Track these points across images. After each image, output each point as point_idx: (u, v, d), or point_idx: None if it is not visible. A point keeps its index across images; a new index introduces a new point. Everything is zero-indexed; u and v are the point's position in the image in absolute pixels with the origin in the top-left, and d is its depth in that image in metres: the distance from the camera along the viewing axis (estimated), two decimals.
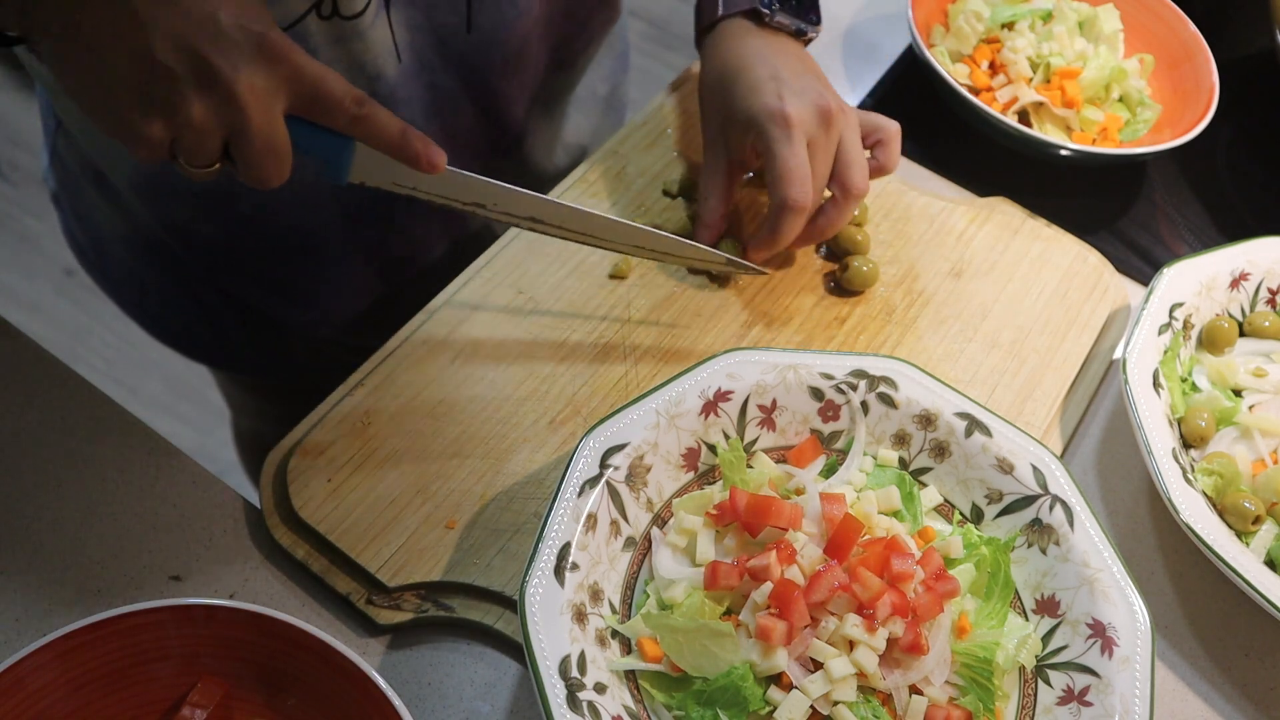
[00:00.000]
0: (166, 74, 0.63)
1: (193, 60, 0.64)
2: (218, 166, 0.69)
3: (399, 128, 0.71)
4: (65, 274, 2.28)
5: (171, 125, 0.65)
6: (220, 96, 0.65)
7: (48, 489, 0.78)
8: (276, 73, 0.66)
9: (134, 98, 0.64)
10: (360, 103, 0.70)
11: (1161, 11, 1.16)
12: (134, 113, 0.64)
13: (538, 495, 0.80)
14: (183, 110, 0.65)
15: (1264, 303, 0.96)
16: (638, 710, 0.67)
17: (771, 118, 0.87)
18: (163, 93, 0.64)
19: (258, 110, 0.66)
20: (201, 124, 0.65)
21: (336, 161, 0.73)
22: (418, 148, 0.72)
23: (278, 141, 0.68)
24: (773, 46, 0.93)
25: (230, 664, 0.68)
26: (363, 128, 0.71)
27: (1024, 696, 0.72)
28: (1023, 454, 0.78)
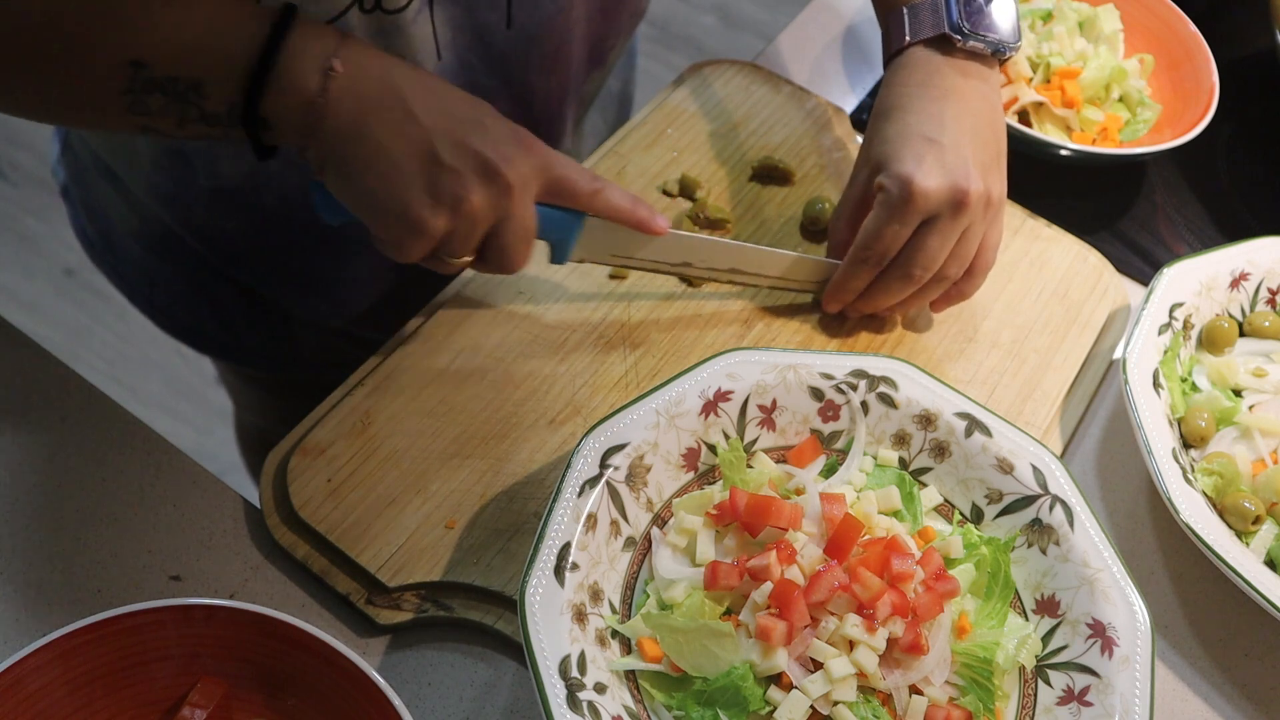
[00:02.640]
0: (452, 171, 0.72)
1: (474, 157, 0.72)
2: (471, 259, 0.77)
3: (630, 198, 0.80)
4: (65, 274, 2.28)
5: (455, 218, 0.73)
6: (498, 187, 0.73)
7: (47, 489, 0.78)
8: (533, 162, 0.75)
9: (424, 194, 0.72)
10: (595, 180, 0.78)
11: (1161, 11, 1.16)
12: (423, 209, 0.72)
13: (538, 495, 0.80)
14: (468, 202, 0.72)
15: (1264, 303, 0.96)
16: (638, 710, 0.67)
17: (898, 180, 0.82)
18: (450, 187, 0.72)
19: (522, 197, 0.74)
20: (480, 213, 0.73)
21: (565, 240, 0.82)
22: (645, 214, 0.81)
23: (532, 226, 0.77)
24: (957, 92, 0.86)
25: (230, 664, 0.68)
26: (599, 201, 0.79)
27: (1024, 696, 0.72)
28: (1023, 454, 0.78)
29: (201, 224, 1.01)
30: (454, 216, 0.73)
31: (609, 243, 0.83)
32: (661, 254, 0.86)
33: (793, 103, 1.06)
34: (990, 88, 0.88)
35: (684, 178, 0.98)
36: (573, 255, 0.83)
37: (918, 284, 0.86)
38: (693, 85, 1.06)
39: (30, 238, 2.33)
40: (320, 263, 1.03)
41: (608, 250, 0.84)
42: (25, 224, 2.35)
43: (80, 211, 1.11)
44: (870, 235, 0.85)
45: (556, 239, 0.81)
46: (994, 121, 0.87)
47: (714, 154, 1.01)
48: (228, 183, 0.95)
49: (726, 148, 1.02)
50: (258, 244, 1.01)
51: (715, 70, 1.08)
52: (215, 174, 0.94)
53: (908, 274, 0.86)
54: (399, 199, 0.72)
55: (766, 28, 2.77)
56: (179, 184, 0.97)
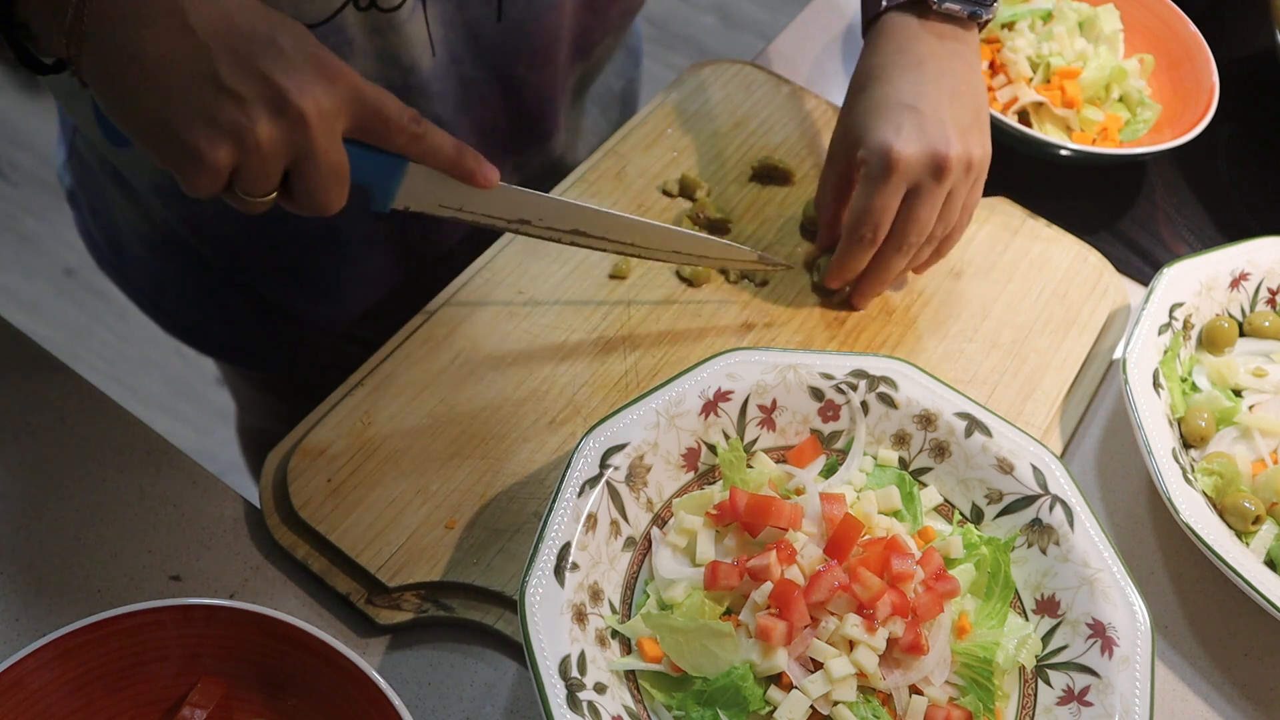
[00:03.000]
0: (235, 96, 0.62)
1: (262, 82, 0.63)
2: (274, 196, 0.68)
3: (454, 144, 0.72)
4: (65, 274, 2.28)
5: (239, 150, 0.64)
6: (290, 118, 0.64)
7: (48, 489, 0.78)
8: (338, 93, 0.66)
9: (200, 123, 0.63)
10: (417, 121, 0.70)
11: (1161, 11, 1.16)
12: (199, 139, 0.63)
13: (538, 495, 0.80)
14: (252, 134, 0.63)
15: (1264, 303, 0.96)
16: (638, 710, 0.67)
17: (878, 151, 0.82)
18: (232, 116, 0.63)
19: (323, 132, 0.65)
20: (270, 148, 0.64)
21: (385, 186, 0.73)
22: (472, 164, 0.72)
23: (340, 164, 0.68)
24: (935, 55, 0.86)
25: (230, 664, 0.68)
26: (419, 146, 0.71)
27: (1024, 696, 0.72)
28: (1023, 454, 0.78)
29: (208, 226, 1.01)
30: (237, 149, 0.64)
31: (435, 191, 0.75)
32: (495, 208, 0.78)
33: (793, 103, 1.06)
34: (968, 49, 0.88)
35: (684, 178, 0.98)
36: (395, 202, 0.74)
37: (912, 252, 0.87)
38: (693, 85, 1.06)
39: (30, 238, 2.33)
40: (325, 265, 1.03)
41: (435, 199, 0.75)
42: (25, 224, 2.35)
43: (87, 216, 1.11)
44: (861, 211, 0.85)
45: (375, 184, 0.73)
46: (972, 83, 0.87)
47: (714, 154, 1.01)
48: None
49: (726, 148, 1.02)
50: (263, 247, 1.01)
51: (715, 70, 1.08)
52: None
53: (902, 244, 0.86)
54: (173, 126, 0.63)
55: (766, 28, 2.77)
56: None
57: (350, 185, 0.70)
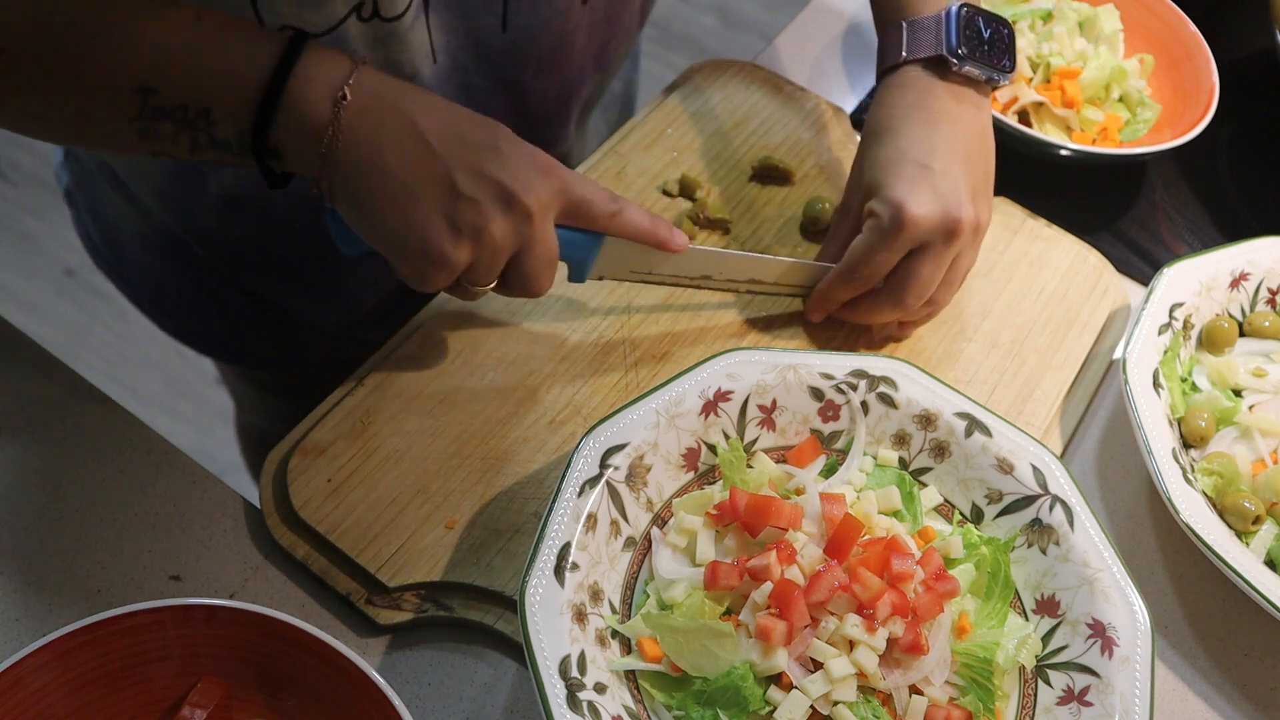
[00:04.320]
0: (471, 201, 0.70)
1: (493, 185, 0.70)
2: (494, 286, 0.76)
3: (648, 217, 0.79)
4: (65, 274, 2.28)
5: (477, 248, 0.72)
6: (518, 215, 0.72)
7: (48, 489, 0.78)
8: (552, 186, 0.73)
9: (442, 224, 0.71)
10: (614, 200, 0.77)
11: (1161, 11, 1.16)
12: (444, 242, 0.71)
13: (538, 495, 0.80)
14: (489, 233, 0.71)
15: (1264, 303, 0.96)
16: (638, 710, 0.67)
17: (890, 206, 0.82)
18: (471, 219, 0.71)
19: (543, 223, 0.73)
20: (502, 243, 0.72)
21: (584, 260, 0.80)
22: (665, 234, 0.79)
23: (554, 250, 0.76)
24: (950, 115, 0.85)
25: (230, 664, 0.68)
26: (618, 222, 0.77)
27: (1024, 696, 0.72)
28: (1023, 454, 0.78)
29: (209, 230, 1.01)
30: (476, 247, 0.72)
31: (627, 260, 0.82)
32: (681, 269, 0.85)
33: (793, 103, 1.06)
34: (982, 113, 0.88)
35: (684, 178, 0.98)
36: (591, 274, 0.82)
37: (909, 309, 0.86)
38: (693, 85, 1.06)
39: (30, 238, 2.33)
40: (327, 268, 1.03)
41: (626, 267, 0.83)
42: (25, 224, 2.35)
43: (85, 216, 1.11)
44: (858, 258, 0.84)
45: (575, 259, 0.80)
46: (984, 146, 0.87)
47: (714, 154, 1.01)
48: (236, 191, 0.95)
49: (726, 148, 1.02)
50: (265, 250, 1.01)
51: (715, 70, 1.08)
52: (223, 182, 0.95)
53: (900, 300, 0.85)
54: (419, 232, 0.71)
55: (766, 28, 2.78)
56: (187, 191, 0.97)
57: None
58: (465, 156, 0.70)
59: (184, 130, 0.69)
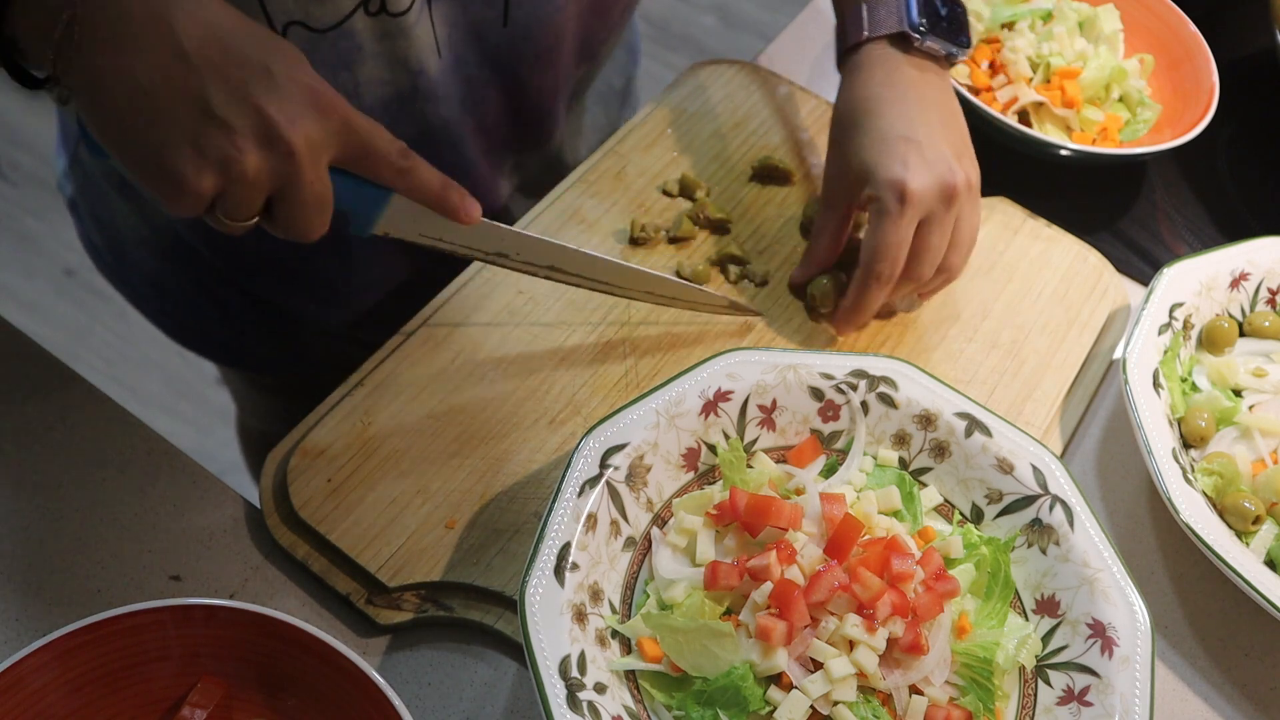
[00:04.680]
0: (225, 126, 0.61)
1: (253, 113, 0.62)
2: (255, 221, 0.67)
3: (440, 180, 0.72)
4: (65, 274, 2.28)
5: (224, 178, 0.63)
6: (279, 151, 0.63)
7: (48, 489, 0.78)
8: (328, 126, 0.65)
9: (187, 149, 0.61)
10: (405, 155, 0.69)
11: (1161, 11, 1.16)
12: (185, 166, 0.62)
13: (538, 495, 0.80)
14: (239, 165, 0.62)
15: (1264, 303, 0.96)
16: (638, 710, 0.67)
17: (890, 186, 0.83)
18: (220, 145, 0.62)
19: (310, 164, 0.65)
20: (255, 178, 0.63)
21: (366, 214, 0.73)
22: (456, 199, 0.72)
23: (324, 195, 0.67)
24: (917, 87, 0.87)
25: (230, 664, 0.68)
26: (406, 180, 0.70)
27: (1024, 696, 0.72)
28: (1023, 454, 0.78)
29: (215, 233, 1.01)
30: (223, 178, 0.63)
31: (418, 222, 0.75)
32: (475, 240, 0.78)
33: (792, 103, 1.06)
34: (946, 83, 0.90)
35: (684, 178, 0.98)
36: (375, 229, 0.74)
37: (924, 279, 0.87)
38: (693, 85, 1.06)
39: (30, 238, 2.33)
40: (332, 271, 1.03)
41: (416, 229, 0.75)
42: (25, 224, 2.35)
43: (89, 224, 1.11)
44: (878, 250, 0.84)
45: (358, 211, 0.73)
46: (955, 110, 0.89)
47: (714, 154, 1.01)
48: None
49: (726, 148, 1.02)
50: (271, 253, 1.02)
51: (715, 70, 1.08)
52: None
53: (915, 273, 0.86)
54: (159, 151, 0.61)
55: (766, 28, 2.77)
56: None
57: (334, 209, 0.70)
58: (228, 73, 0.61)
59: None
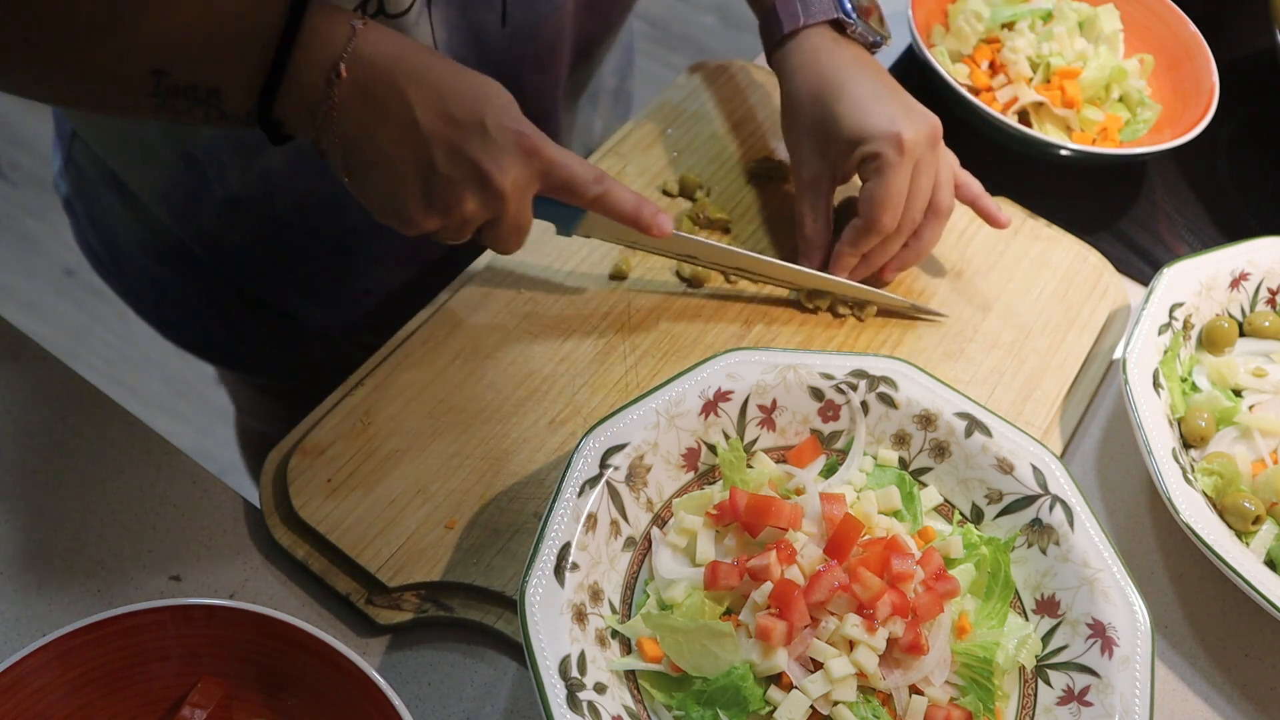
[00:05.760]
0: (447, 182, 0.73)
1: (470, 166, 0.73)
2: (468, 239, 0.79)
3: (633, 201, 0.80)
4: (65, 274, 2.28)
5: (446, 218, 0.75)
6: (491, 195, 0.74)
7: (48, 489, 0.78)
8: (533, 167, 0.75)
9: (418, 199, 0.74)
10: (600, 181, 0.79)
11: (1161, 11, 1.16)
12: (417, 211, 0.75)
13: (538, 495, 0.80)
14: (459, 210, 0.75)
15: (1264, 303, 0.96)
16: (638, 710, 0.67)
17: (886, 140, 0.87)
18: (444, 196, 0.74)
19: (516, 202, 0.76)
20: (471, 217, 0.76)
21: (567, 223, 0.84)
22: (649, 218, 0.81)
23: (525, 223, 0.79)
24: (860, 60, 0.92)
25: (230, 664, 0.68)
26: (602, 204, 0.80)
27: (1024, 696, 0.72)
28: (1023, 454, 0.78)
29: (212, 234, 1.01)
30: (444, 217, 0.75)
31: (614, 229, 0.84)
32: (667, 246, 0.88)
33: None
34: (883, 68, 0.95)
35: (684, 178, 0.98)
36: (578, 233, 0.85)
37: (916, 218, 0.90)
38: (693, 85, 1.06)
39: (30, 238, 2.33)
40: (334, 277, 1.03)
41: (613, 234, 0.85)
42: (25, 224, 2.35)
43: (85, 224, 1.10)
44: (883, 201, 0.87)
45: (561, 221, 0.84)
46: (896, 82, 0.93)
47: (714, 154, 1.01)
48: (238, 192, 0.95)
49: (726, 148, 1.02)
50: (268, 254, 1.02)
51: (715, 70, 1.08)
52: (225, 182, 0.95)
53: (909, 218, 0.89)
54: (396, 201, 0.75)
55: None
56: (191, 194, 0.97)
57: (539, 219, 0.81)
58: (448, 136, 0.72)
59: (197, 105, 0.73)
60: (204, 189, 0.95)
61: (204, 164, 0.94)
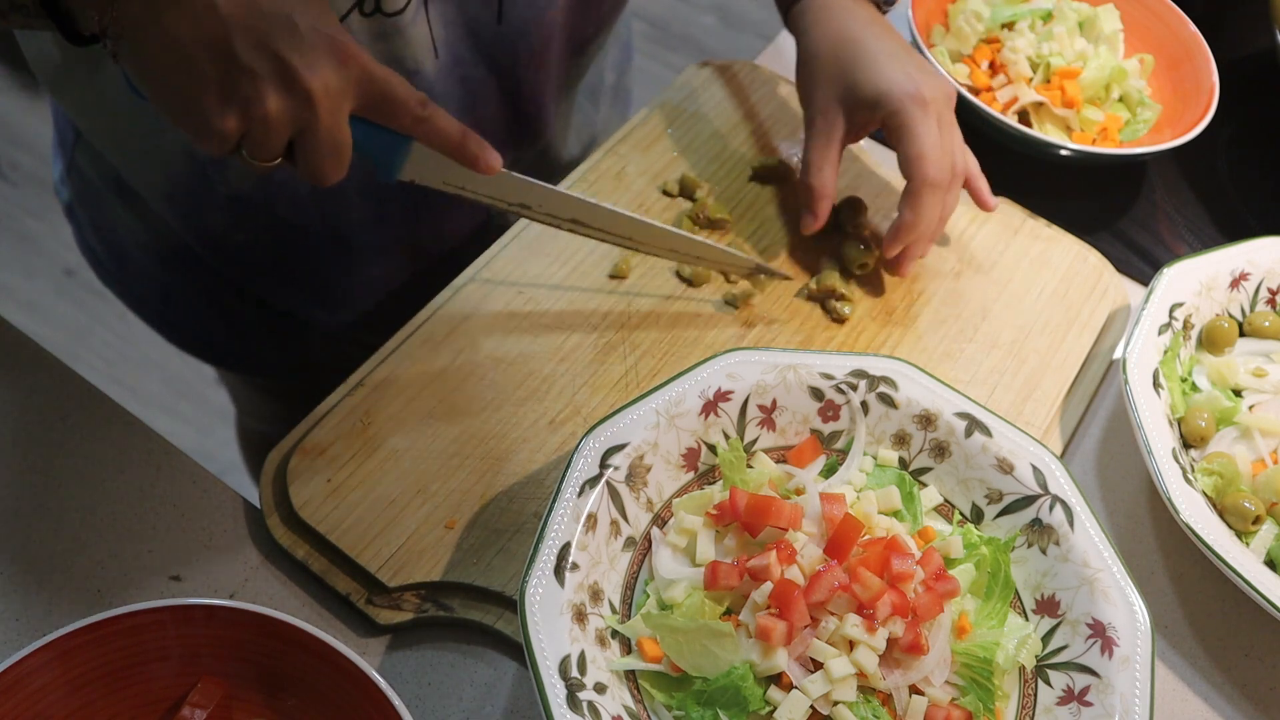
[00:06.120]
0: (248, 72, 0.66)
1: (274, 60, 0.66)
2: (279, 161, 0.71)
3: (459, 129, 0.74)
4: (65, 274, 2.28)
5: (246, 120, 0.67)
6: (297, 96, 0.67)
7: (48, 489, 0.78)
8: (348, 74, 0.69)
9: (213, 92, 0.66)
10: (423, 104, 0.72)
11: (1161, 11, 1.16)
12: (212, 106, 0.67)
13: (538, 495, 0.80)
14: (259, 106, 0.67)
15: (1264, 303, 0.96)
16: (638, 710, 0.67)
17: (909, 98, 0.89)
18: (243, 89, 0.66)
19: (328, 110, 0.68)
20: (275, 120, 0.68)
21: (390, 161, 0.76)
22: (475, 149, 0.75)
23: (342, 140, 0.71)
24: (876, 20, 0.95)
25: (230, 664, 0.68)
26: (424, 129, 0.73)
27: (1024, 696, 0.72)
28: (1023, 454, 0.78)
29: (217, 234, 1.01)
30: (245, 119, 0.68)
31: (441, 169, 0.77)
32: (496, 190, 0.80)
33: (793, 103, 1.06)
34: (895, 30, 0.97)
35: (684, 178, 0.98)
36: (400, 176, 0.77)
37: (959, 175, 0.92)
38: (693, 85, 1.06)
39: (30, 238, 2.33)
40: (334, 273, 1.03)
41: (439, 176, 0.78)
42: (25, 224, 2.35)
43: (87, 229, 1.11)
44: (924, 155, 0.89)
45: (381, 158, 0.76)
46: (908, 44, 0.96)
47: (714, 154, 1.01)
48: (244, 191, 0.95)
49: (726, 148, 1.02)
50: (272, 253, 1.02)
51: (715, 70, 1.08)
52: (227, 181, 0.95)
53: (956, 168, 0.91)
54: (186, 94, 0.67)
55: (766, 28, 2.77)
56: (194, 193, 0.97)
57: (358, 156, 0.73)
58: (251, 23, 0.66)
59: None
60: (208, 187, 0.96)
61: (206, 162, 0.94)
